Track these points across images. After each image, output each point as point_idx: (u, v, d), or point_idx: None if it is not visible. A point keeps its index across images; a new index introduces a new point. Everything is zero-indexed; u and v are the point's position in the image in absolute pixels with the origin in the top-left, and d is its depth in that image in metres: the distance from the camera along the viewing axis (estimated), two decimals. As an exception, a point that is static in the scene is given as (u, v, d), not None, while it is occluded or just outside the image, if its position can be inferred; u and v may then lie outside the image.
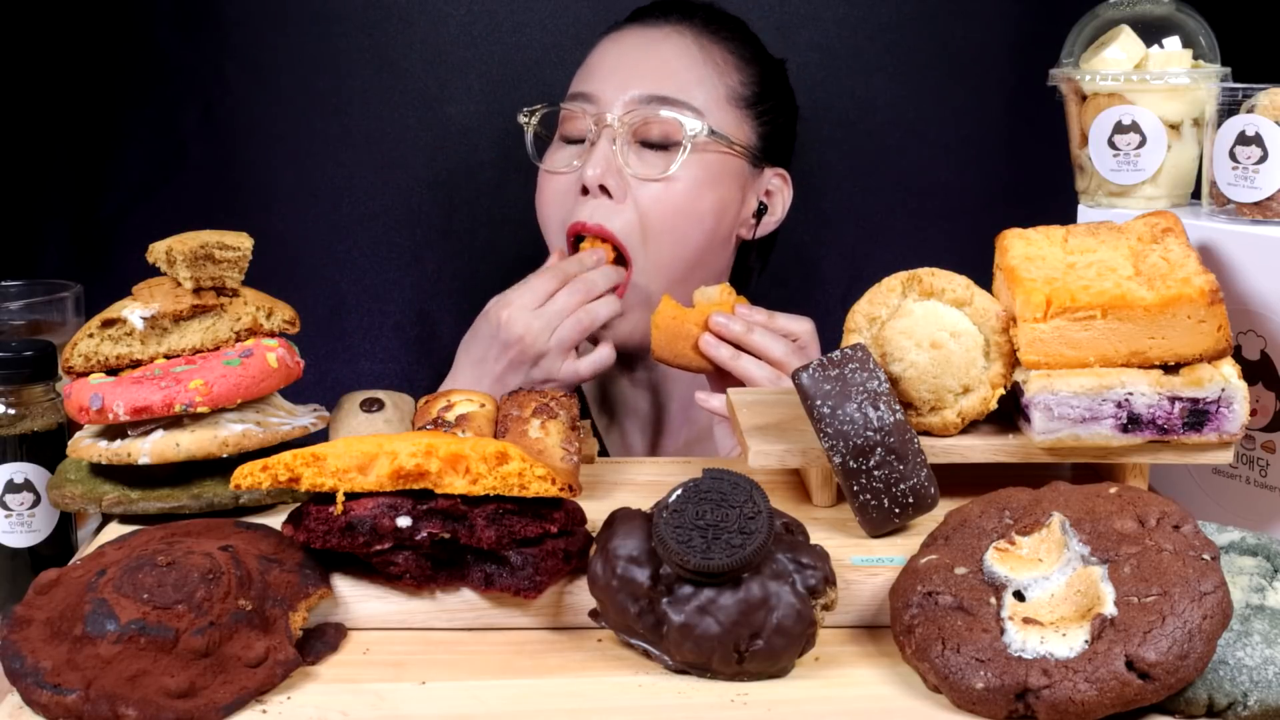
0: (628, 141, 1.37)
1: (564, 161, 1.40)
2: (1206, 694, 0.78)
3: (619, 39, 1.44)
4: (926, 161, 1.71)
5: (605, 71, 1.40)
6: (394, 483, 0.87)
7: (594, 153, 1.36)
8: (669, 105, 1.37)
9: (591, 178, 1.36)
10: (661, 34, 1.42)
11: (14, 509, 1.07)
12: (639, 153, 1.38)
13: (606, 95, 1.38)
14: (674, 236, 1.38)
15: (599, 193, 1.36)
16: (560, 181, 1.40)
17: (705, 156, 1.38)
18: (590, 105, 1.39)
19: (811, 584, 0.83)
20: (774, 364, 1.23)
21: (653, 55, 1.40)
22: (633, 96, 1.37)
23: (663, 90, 1.38)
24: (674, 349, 1.25)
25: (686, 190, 1.38)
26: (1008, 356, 1.00)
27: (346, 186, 1.71)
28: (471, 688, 0.82)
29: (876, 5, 1.69)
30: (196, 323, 1.04)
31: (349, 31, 1.67)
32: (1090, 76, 1.14)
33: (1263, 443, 1.06)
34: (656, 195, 1.37)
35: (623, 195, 1.36)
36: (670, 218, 1.37)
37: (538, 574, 0.87)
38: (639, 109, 1.37)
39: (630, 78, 1.38)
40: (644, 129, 1.37)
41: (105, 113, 1.67)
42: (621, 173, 1.36)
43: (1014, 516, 0.87)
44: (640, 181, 1.37)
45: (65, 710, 0.77)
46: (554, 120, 1.44)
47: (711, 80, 1.40)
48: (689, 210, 1.38)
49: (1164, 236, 1.01)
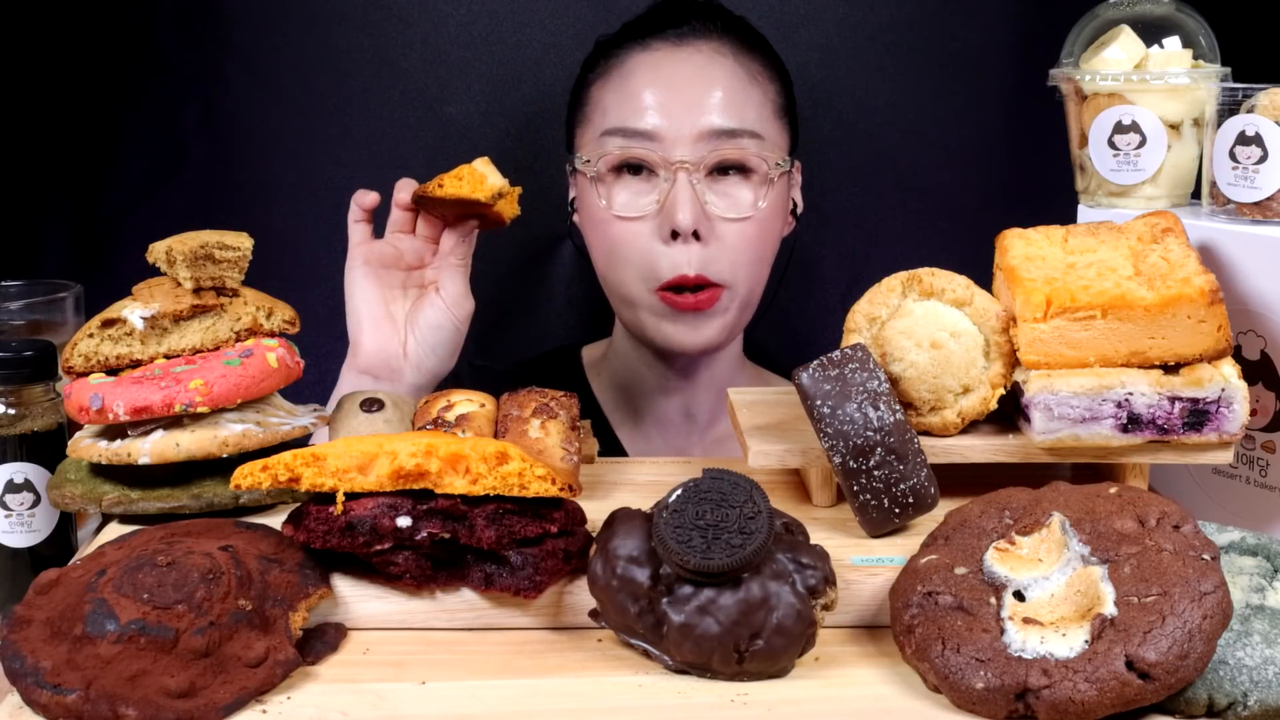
0: (703, 178, 1.34)
1: (636, 203, 1.36)
2: (1206, 694, 0.78)
3: (659, 63, 1.39)
4: (926, 161, 1.71)
5: (661, 104, 1.36)
6: (394, 483, 0.87)
7: (678, 196, 1.33)
8: (738, 137, 1.35)
9: (685, 224, 1.32)
10: (705, 58, 1.39)
11: (14, 509, 1.07)
12: (715, 186, 1.35)
13: (671, 132, 1.34)
14: (759, 267, 1.39)
15: (690, 239, 1.34)
16: (637, 226, 1.36)
17: (777, 183, 1.38)
18: (653, 143, 1.35)
19: (811, 584, 0.83)
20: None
21: (708, 84, 1.37)
22: (700, 130, 1.34)
23: (729, 122, 1.35)
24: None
25: (768, 222, 1.38)
26: (1008, 356, 1.00)
27: (346, 186, 1.70)
28: (471, 688, 0.82)
29: (876, 5, 1.69)
30: (196, 323, 1.04)
31: (349, 31, 1.67)
32: (1090, 76, 1.14)
33: (1263, 443, 1.06)
34: (744, 233, 1.36)
35: (710, 237, 1.35)
36: (757, 250, 1.38)
37: (538, 574, 0.87)
38: (709, 142, 1.34)
39: (690, 110, 1.35)
40: (719, 163, 1.35)
41: (105, 113, 1.67)
42: (705, 213, 1.34)
43: (1014, 516, 0.87)
44: (723, 220, 1.35)
45: (65, 710, 0.77)
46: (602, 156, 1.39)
47: (760, 100, 1.39)
48: (771, 239, 1.40)
49: (1164, 236, 1.01)
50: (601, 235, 1.39)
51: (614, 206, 1.37)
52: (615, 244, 1.38)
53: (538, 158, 1.64)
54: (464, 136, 1.70)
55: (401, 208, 1.27)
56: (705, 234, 1.34)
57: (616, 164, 1.37)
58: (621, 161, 1.37)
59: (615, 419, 1.51)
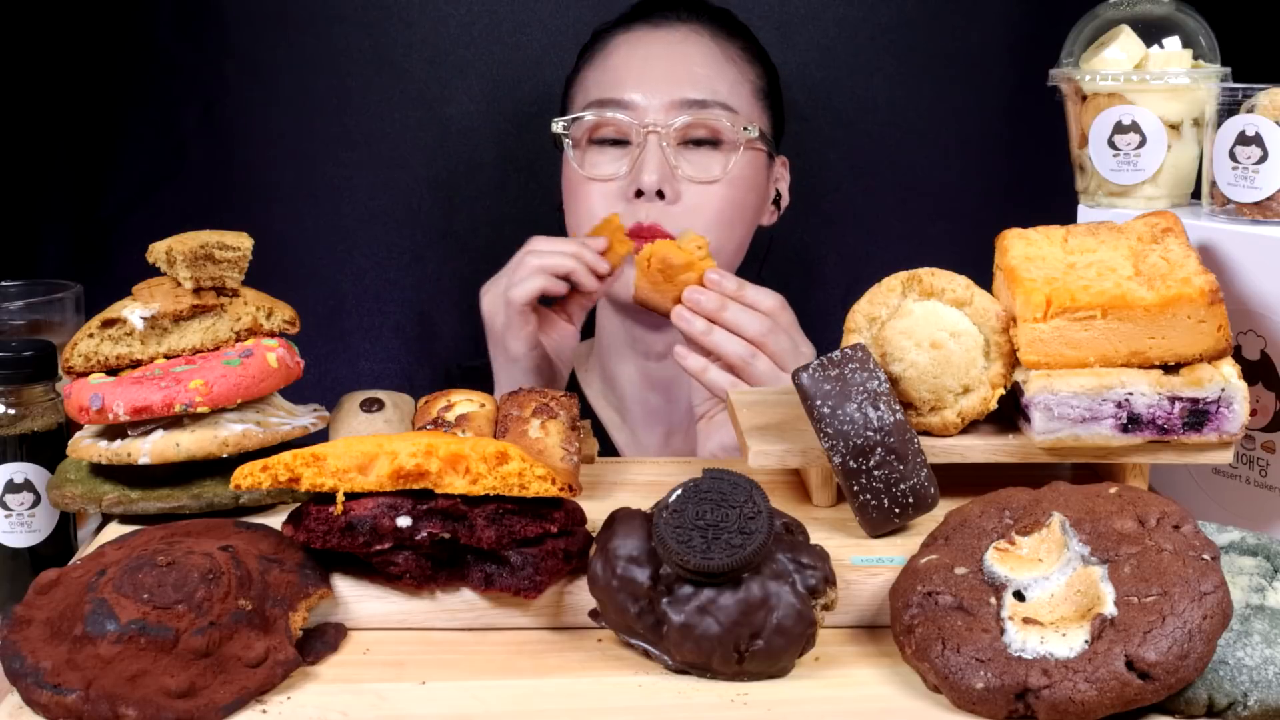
0: (674, 144, 1.39)
1: (608, 167, 1.41)
2: (1206, 694, 0.78)
3: (638, 41, 1.46)
4: (926, 161, 1.71)
5: (637, 76, 1.42)
6: (394, 483, 0.87)
7: (647, 158, 1.39)
8: (712, 107, 1.40)
9: (650, 183, 1.38)
10: (680, 35, 1.45)
11: (14, 509, 1.07)
12: (687, 154, 1.41)
13: (643, 100, 1.40)
14: (724, 233, 1.41)
15: (655, 197, 1.39)
16: (605, 187, 1.41)
17: (747, 155, 1.42)
18: (627, 111, 1.40)
19: (811, 584, 0.83)
20: (749, 340, 1.23)
21: (682, 58, 1.43)
22: (672, 100, 1.40)
23: (700, 93, 1.41)
24: (653, 299, 1.26)
25: (734, 190, 1.42)
26: (1008, 356, 1.00)
27: (346, 186, 1.71)
28: (471, 688, 0.82)
29: (876, 5, 1.69)
30: (196, 323, 1.04)
31: (349, 31, 1.67)
32: (1090, 76, 1.14)
33: (1263, 443, 1.06)
34: (709, 195, 1.40)
35: (675, 197, 1.39)
36: (721, 214, 1.41)
37: (538, 574, 0.87)
38: (681, 112, 1.39)
39: (665, 82, 1.41)
40: (690, 130, 1.40)
41: (105, 113, 1.67)
42: (674, 175, 1.39)
43: (1014, 516, 0.87)
44: (691, 184, 1.40)
45: (65, 710, 0.77)
46: (576, 125, 1.45)
47: (736, 78, 1.44)
48: (738, 207, 1.43)
49: (1164, 236, 1.01)
50: (574, 199, 1.44)
51: (586, 169, 1.42)
52: (585, 202, 1.43)
53: (538, 158, 1.64)
54: (464, 136, 1.70)
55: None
56: (670, 194, 1.39)
57: (595, 135, 1.42)
58: (599, 133, 1.42)
59: (604, 415, 1.52)
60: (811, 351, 1.26)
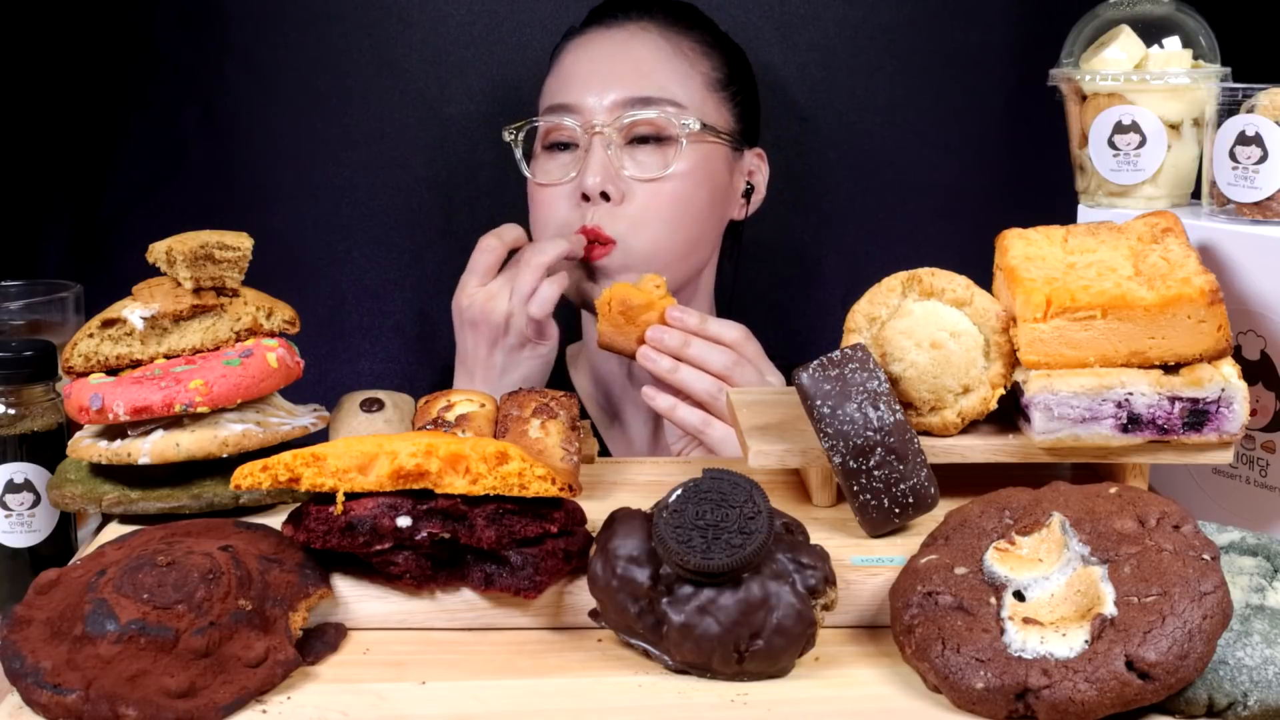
0: (619, 144, 1.39)
1: (557, 171, 1.41)
2: (1206, 694, 0.78)
3: (585, 44, 1.45)
4: (926, 161, 1.71)
5: (582, 79, 1.41)
6: (394, 483, 0.87)
7: (590, 160, 1.38)
8: (654, 104, 1.39)
9: (593, 185, 1.37)
10: (628, 34, 1.44)
11: (14, 509, 1.07)
12: (632, 153, 1.40)
13: (589, 102, 1.39)
14: (671, 227, 1.40)
15: (599, 200, 1.38)
16: (556, 192, 1.41)
17: (697, 148, 1.41)
18: (573, 115, 1.40)
19: (811, 584, 0.83)
20: (715, 375, 1.23)
21: (627, 56, 1.42)
22: (616, 100, 1.39)
23: (645, 91, 1.39)
24: (618, 342, 1.26)
25: (684, 185, 1.40)
26: (1008, 356, 1.00)
27: (346, 186, 1.71)
28: (471, 688, 0.82)
29: (876, 5, 1.69)
30: (196, 323, 1.04)
31: (349, 31, 1.67)
32: (1090, 76, 1.14)
33: (1263, 443, 1.06)
34: (655, 192, 1.39)
35: (621, 198, 1.38)
36: (668, 210, 1.40)
37: (538, 574, 0.87)
38: (626, 111, 1.38)
39: (609, 82, 1.40)
40: (634, 129, 1.39)
41: (105, 113, 1.67)
42: (619, 176, 1.38)
43: (1014, 516, 0.87)
44: (638, 182, 1.39)
45: (65, 710, 0.77)
46: (534, 133, 1.45)
47: (686, 72, 1.42)
48: (689, 202, 1.41)
49: (1164, 236, 1.01)
50: (532, 205, 1.45)
51: (538, 175, 1.43)
52: (540, 209, 1.43)
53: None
54: (464, 136, 1.70)
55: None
56: (615, 195, 1.38)
57: (546, 141, 1.43)
58: (550, 138, 1.42)
59: (594, 415, 1.52)
60: (778, 380, 1.26)
